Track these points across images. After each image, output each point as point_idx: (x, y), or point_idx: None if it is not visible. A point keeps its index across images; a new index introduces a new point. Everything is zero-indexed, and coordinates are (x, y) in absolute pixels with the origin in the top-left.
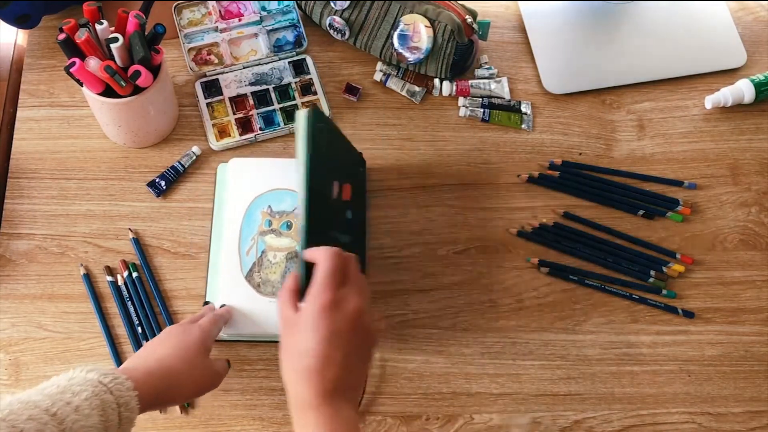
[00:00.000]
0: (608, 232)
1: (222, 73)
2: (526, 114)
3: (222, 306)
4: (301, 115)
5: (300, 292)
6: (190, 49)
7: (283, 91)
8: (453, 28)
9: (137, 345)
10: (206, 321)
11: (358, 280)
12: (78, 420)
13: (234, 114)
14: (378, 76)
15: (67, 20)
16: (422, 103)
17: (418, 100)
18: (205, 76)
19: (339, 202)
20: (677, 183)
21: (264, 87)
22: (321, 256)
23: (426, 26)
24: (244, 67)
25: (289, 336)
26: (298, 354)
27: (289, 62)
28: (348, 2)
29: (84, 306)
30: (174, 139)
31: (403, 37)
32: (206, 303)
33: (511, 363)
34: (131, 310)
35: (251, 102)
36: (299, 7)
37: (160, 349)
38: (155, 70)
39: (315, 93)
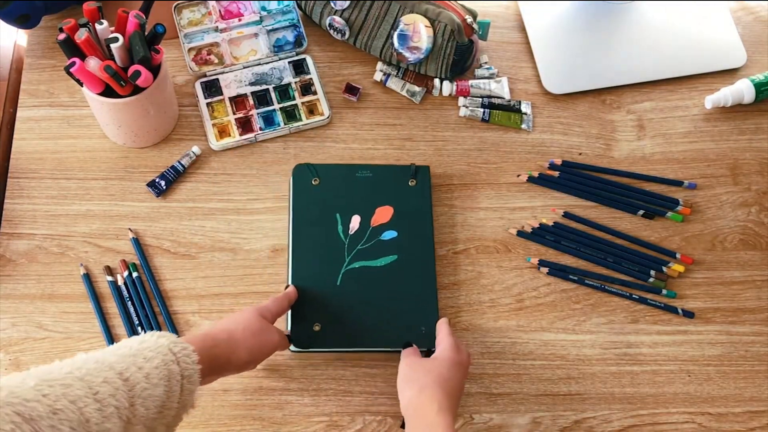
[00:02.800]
0: (608, 232)
1: (222, 73)
2: (526, 114)
3: (287, 287)
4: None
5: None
6: (190, 49)
7: (283, 91)
8: (453, 28)
9: None
10: (268, 300)
11: (469, 357)
12: (147, 388)
13: (234, 114)
14: (378, 76)
15: (67, 20)
16: (422, 103)
17: (418, 100)
18: (205, 76)
19: (363, 232)
20: (677, 183)
21: (264, 87)
22: (446, 329)
23: (426, 26)
24: (244, 67)
25: (421, 363)
26: (440, 376)
27: (289, 62)
28: (348, 2)
29: (84, 306)
30: (174, 139)
31: (403, 37)
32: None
33: (511, 363)
34: (131, 310)
35: (251, 102)
36: (299, 7)
37: (215, 324)
38: (155, 70)
39: (315, 93)
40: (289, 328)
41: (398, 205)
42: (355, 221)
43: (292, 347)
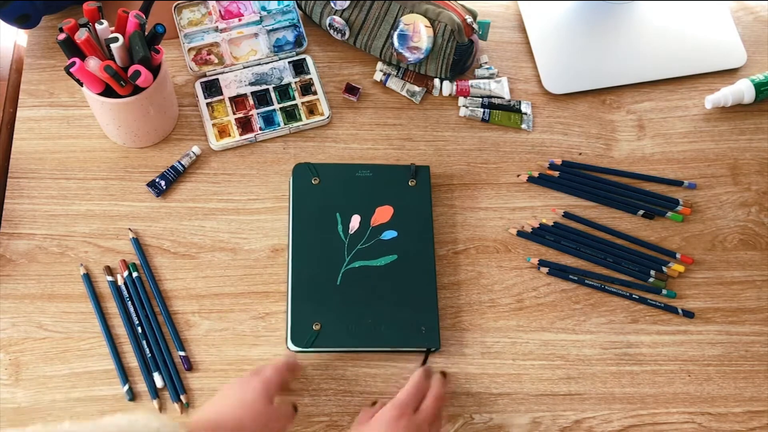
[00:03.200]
0: (608, 232)
1: (222, 73)
2: (526, 114)
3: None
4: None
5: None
6: (190, 49)
7: (283, 91)
8: (453, 28)
9: (137, 345)
10: (270, 371)
11: (436, 409)
12: None
13: (234, 114)
14: (378, 76)
15: (67, 20)
16: (422, 103)
17: (418, 100)
18: (205, 76)
19: (363, 232)
20: (677, 183)
21: (264, 87)
22: (415, 374)
23: (426, 26)
24: (244, 67)
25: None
26: None
27: (289, 62)
28: (348, 2)
29: (84, 306)
30: (174, 139)
31: (403, 37)
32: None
33: (511, 363)
34: (131, 310)
35: (251, 102)
36: (299, 7)
37: (220, 402)
38: (155, 70)
39: (315, 93)
40: (289, 328)
41: (398, 204)
42: (355, 221)
43: (291, 346)
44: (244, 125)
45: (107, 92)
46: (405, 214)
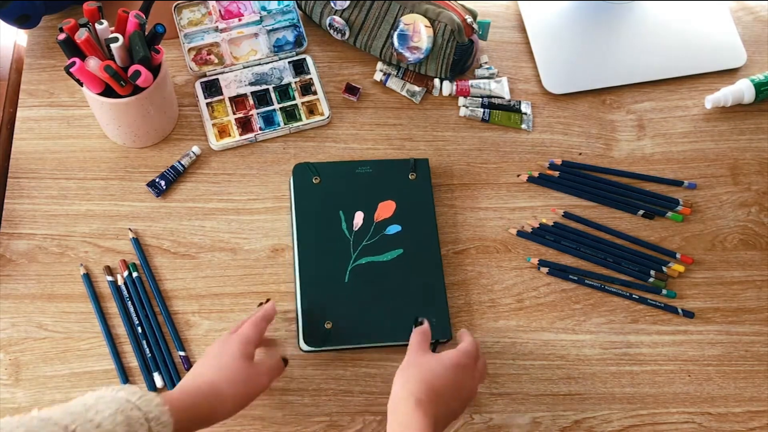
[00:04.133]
0: (608, 232)
1: (222, 73)
2: (526, 114)
3: (265, 301)
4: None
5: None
6: (190, 49)
7: (283, 91)
8: (453, 28)
9: (137, 345)
10: (246, 326)
11: (483, 373)
12: None
13: (234, 114)
14: (378, 76)
15: (67, 20)
16: (422, 103)
17: (418, 100)
18: (205, 76)
19: (367, 228)
20: (677, 183)
21: (264, 87)
22: (468, 336)
23: (426, 26)
24: (244, 67)
25: (425, 358)
26: (430, 372)
27: (289, 62)
28: (348, 2)
29: (84, 306)
30: (174, 139)
31: (403, 37)
32: (260, 304)
33: (511, 363)
34: (131, 310)
35: (251, 102)
36: (299, 7)
37: (198, 368)
38: (155, 70)
39: (315, 93)
40: (300, 329)
41: (400, 199)
42: (359, 217)
43: (304, 346)
44: (244, 125)
45: (107, 92)
46: (407, 207)
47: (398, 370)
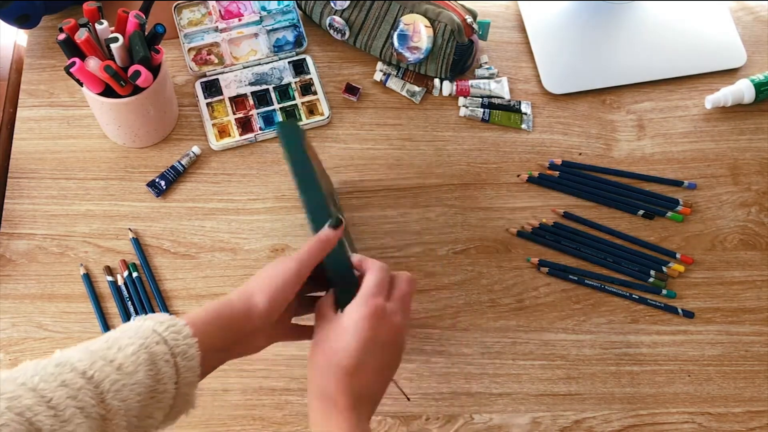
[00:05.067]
0: (608, 232)
1: (222, 73)
2: (526, 114)
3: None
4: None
5: (336, 300)
6: (190, 49)
7: (283, 91)
8: (453, 28)
9: None
10: (302, 250)
11: (406, 298)
12: (118, 380)
13: (234, 114)
14: (378, 76)
15: (67, 20)
16: (422, 103)
17: (418, 100)
18: (205, 76)
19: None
20: (677, 183)
21: (264, 87)
22: (372, 265)
23: (426, 26)
24: (244, 67)
25: (326, 331)
26: (333, 351)
27: (289, 62)
28: (348, 2)
29: (84, 306)
30: (174, 139)
31: (403, 37)
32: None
33: (511, 363)
34: (131, 310)
35: (251, 102)
36: (299, 7)
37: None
38: (155, 70)
39: (315, 93)
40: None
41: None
42: None
43: None
44: (244, 125)
45: (107, 92)
46: None
47: (310, 351)
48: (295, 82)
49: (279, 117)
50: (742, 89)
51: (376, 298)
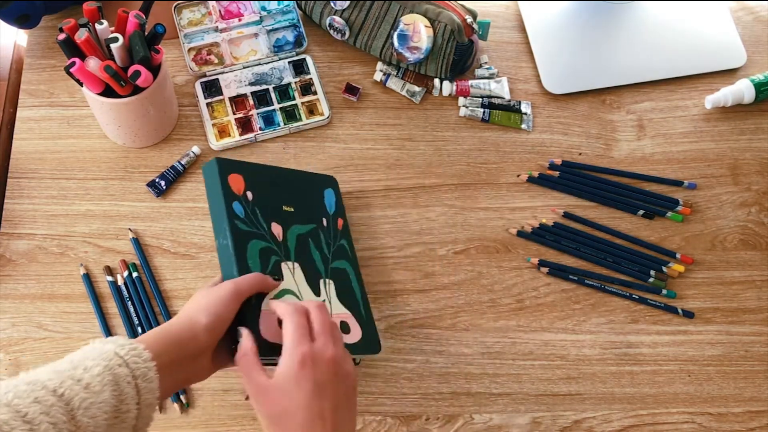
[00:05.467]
0: (608, 232)
1: (222, 73)
2: (526, 114)
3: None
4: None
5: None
6: (190, 49)
7: (283, 91)
8: (453, 28)
9: None
10: (243, 278)
11: (327, 327)
12: (87, 398)
13: (234, 114)
14: (378, 76)
15: (67, 20)
16: (422, 103)
17: (418, 100)
18: (205, 76)
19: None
20: (677, 183)
21: (264, 87)
22: (284, 311)
23: (426, 26)
24: (244, 67)
25: (269, 402)
26: (285, 416)
27: (289, 62)
28: (348, 2)
29: (84, 306)
30: (174, 139)
31: (403, 37)
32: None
33: (511, 363)
34: (131, 310)
35: (251, 102)
36: (299, 7)
37: (181, 312)
38: (155, 70)
39: (315, 93)
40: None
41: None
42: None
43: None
44: (244, 125)
45: (107, 92)
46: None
47: (265, 423)
48: (295, 82)
49: (279, 117)
50: (742, 89)
51: (302, 346)
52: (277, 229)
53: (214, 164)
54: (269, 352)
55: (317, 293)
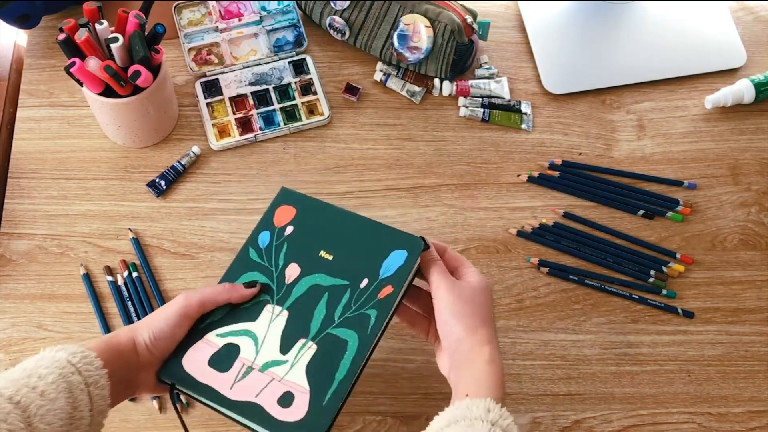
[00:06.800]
0: (608, 232)
1: (222, 73)
2: (526, 114)
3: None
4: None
5: None
6: (190, 49)
7: (283, 91)
8: (453, 28)
9: None
10: (206, 291)
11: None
12: (43, 405)
13: (234, 114)
14: (378, 76)
15: (67, 20)
16: (422, 103)
17: (418, 100)
18: (205, 76)
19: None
20: (677, 183)
21: (264, 87)
22: (471, 267)
23: (426, 26)
24: (244, 67)
25: (468, 288)
26: (482, 306)
27: (289, 62)
28: (348, 2)
29: (84, 306)
30: (174, 139)
31: (403, 37)
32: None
33: (511, 363)
34: (131, 310)
35: (251, 102)
36: (299, 7)
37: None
38: (155, 70)
39: (315, 93)
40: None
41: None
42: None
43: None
44: (244, 125)
45: (107, 92)
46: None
47: (449, 307)
48: (295, 82)
49: (279, 117)
50: (742, 89)
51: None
52: (292, 270)
53: (279, 192)
54: (181, 382)
55: (284, 351)
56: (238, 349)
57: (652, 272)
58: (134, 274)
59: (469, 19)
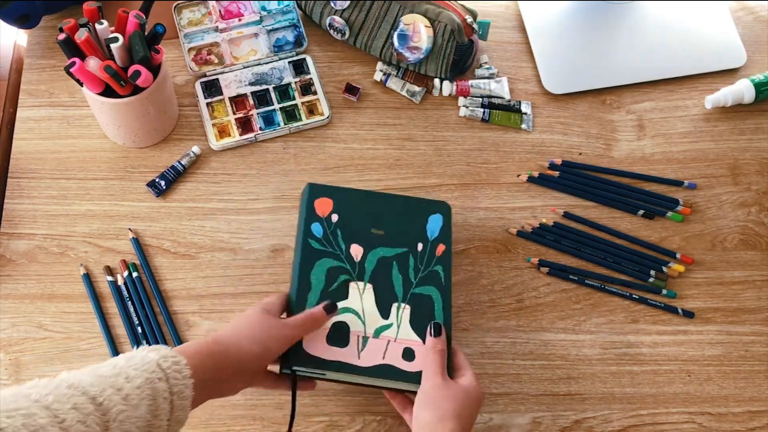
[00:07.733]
0: (608, 232)
1: (222, 73)
2: (526, 114)
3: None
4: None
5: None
6: (190, 49)
7: (283, 91)
8: (453, 28)
9: (137, 345)
10: (293, 322)
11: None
12: (124, 410)
13: (234, 114)
14: (378, 76)
15: (67, 20)
16: (422, 103)
17: (418, 100)
18: (205, 76)
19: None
20: (677, 183)
21: (264, 87)
22: (464, 357)
23: (426, 26)
24: (244, 67)
25: (453, 387)
26: (462, 407)
27: (289, 62)
28: (348, 2)
29: (84, 306)
30: (174, 139)
31: (403, 37)
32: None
33: (511, 363)
34: (131, 310)
35: (251, 102)
36: (299, 7)
37: (215, 334)
38: (155, 70)
39: (315, 93)
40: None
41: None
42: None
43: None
44: (244, 125)
45: (107, 92)
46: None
47: (422, 396)
48: (295, 82)
49: (279, 117)
50: (742, 89)
51: (479, 387)
52: (356, 250)
53: (306, 189)
54: (311, 365)
55: (385, 316)
56: (346, 325)
57: (652, 272)
58: (134, 274)
59: (469, 19)
